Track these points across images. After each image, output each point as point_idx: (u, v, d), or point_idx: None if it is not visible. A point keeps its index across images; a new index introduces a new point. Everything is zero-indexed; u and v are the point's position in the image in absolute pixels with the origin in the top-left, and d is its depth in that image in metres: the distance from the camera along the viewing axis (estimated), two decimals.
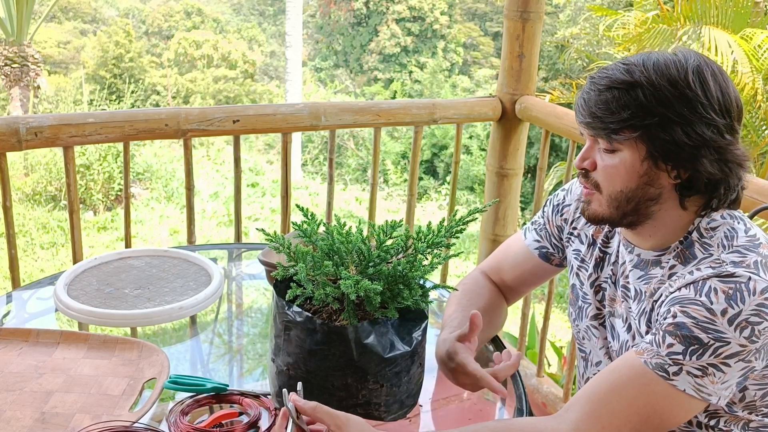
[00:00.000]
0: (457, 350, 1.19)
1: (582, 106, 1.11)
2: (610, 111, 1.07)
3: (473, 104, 2.63)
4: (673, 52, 1.10)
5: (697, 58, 1.09)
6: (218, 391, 1.18)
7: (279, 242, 1.13)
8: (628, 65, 1.09)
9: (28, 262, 8.60)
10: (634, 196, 1.11)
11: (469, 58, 19.35)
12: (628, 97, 1.07)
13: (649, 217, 1.13)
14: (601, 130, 1.09)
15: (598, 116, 1.09)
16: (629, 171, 1.10)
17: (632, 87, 1.07)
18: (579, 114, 1.12)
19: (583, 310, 1.31)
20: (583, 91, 1.12)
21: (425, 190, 14.08)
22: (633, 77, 1.07)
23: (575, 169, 1.19)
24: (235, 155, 2.28)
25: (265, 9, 22.09)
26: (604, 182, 1.13)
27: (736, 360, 1.02)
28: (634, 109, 1.06)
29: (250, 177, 12.17)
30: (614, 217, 1.15)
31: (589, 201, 1.17)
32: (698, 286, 1.05)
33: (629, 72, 1.08)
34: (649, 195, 1.11)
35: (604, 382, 1.08)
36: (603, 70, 1.11)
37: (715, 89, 1.07)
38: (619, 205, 1.13)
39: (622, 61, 1.11)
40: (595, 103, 1.09)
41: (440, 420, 1.25)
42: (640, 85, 1.06)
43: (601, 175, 1.13)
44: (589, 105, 1.10)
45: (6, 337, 1.33)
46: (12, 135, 1.92)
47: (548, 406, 2.59)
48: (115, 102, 13.47)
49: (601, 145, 1.12)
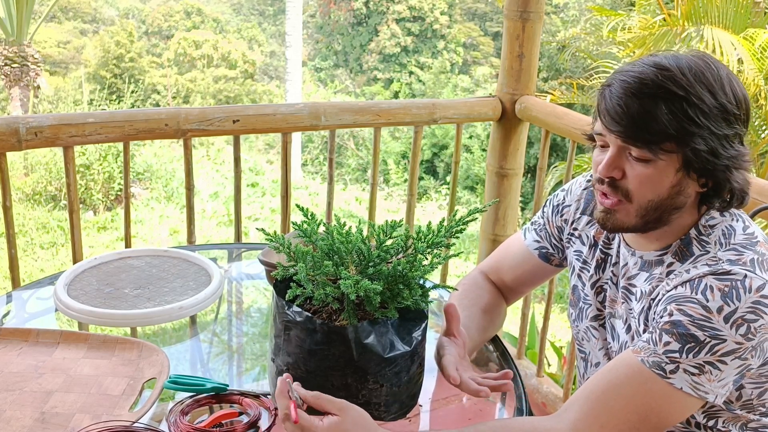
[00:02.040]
0: (443, 351, 1.18)
1: (617, 113, 1.05)
2: (654, 122, 1.03)
3: (473, 104, 2.63)
4: (698, 56, 1.07)
5: (722, 65, 1.07)
6: (218, 391, 1.18)
7: (279, 242, 1.13)
8: (665, 71, 1.04)
9: (28, 262, 8.60)
10: (662, 205, 1.09)
11: (469, 58, 19.34)
12: (674, 108, 1.03)
13: (667, 223, 1.12)
14: (640, 141, 1.05)
15: (641, 126, 1.04)
16: (662, 180, 1.07)
17: (677, 97, 1.03)
18: (612, 122, 1.06)
19: (584, 311, 1.32)
20: (614, 95, 1.06)
21: (425, 190, 14.08)
22: (677, 85, 1.03)
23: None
24: (235, 155, 2.28)
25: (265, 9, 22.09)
26: (637, 191, 1.08)
27: (732, 358, 1.03)
28: (679, 122, 1.02)
29: (250, 177, 12.17)
30: (638, 226, 1.12)
31: (614, 211, 1.11)
32: (694, 283, 1.05)
33: (671, 79, 1.03)
34: (677, 204, 1.09)
35: (602, 381, 1.09)
36: (636, 75, 1.05)
37: (741, 97, 1.06)
38: (646, 214, 1.10)
39: (655, 66, 1.05)
40: (637, 112, 1.04)
41: (440, 420, 1.25)
42: (685, 96, 1.03)
43: (633, 184, 1.08)
44: (628, 113, 1.04)
45: (6, 337, 1.33)
46: (12, 135, 1.92)
47: (548, 406, 2.59)
48: (115, 102, 13.47)
49: (633, 153, 1.07)
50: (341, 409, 1.00)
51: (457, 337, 1.21)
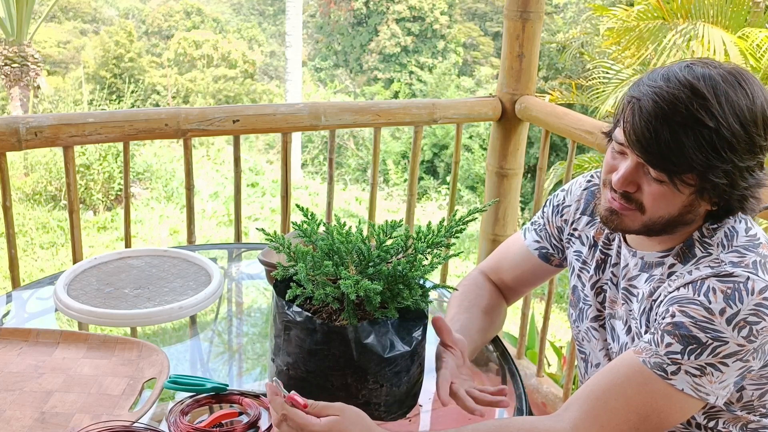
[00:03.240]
0: (439, 363, 1.17)
1: (645, 138, 1.02)
2: (681, 154, 1.00)
3: (473, 104, 2.63)
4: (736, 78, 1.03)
5: (759, 86, 1.04)
6: (218, 391, 1.18)
7: (279, 242, 1.13)
8: (703, 101, 1.00)
9: (27, 262, 8.60)
10: (671, 221, 1.09)
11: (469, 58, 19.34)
12: (703, 142, 1.00)
13: (671, 234, 1.12)
14: (662, 168, 1.03)
15: (666, 156, 1.01)
16: (674, 201, 1.06)
17: (708, 130, 0.99)
18: (638, 143, 1.03)
19: (584, 311, 1.31)
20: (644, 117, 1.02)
21: (425, 190, 14.08)
22: (711, 117, 0.99)
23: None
24: (235, 155, 2.28)
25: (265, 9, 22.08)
26: (650, 206, 1.08)
27: (734, 360, 1.03)
28: (705, 154, 1.00)
29: (250, 177, 12.17)
30: (641, 232, 1.12)
31: (622, 215, 1.11)
32: (697, 285, 1.05)
33: (706, 110, 0.99)
34: (685, 220, 1.10)
35: (603, 381, 1.09)
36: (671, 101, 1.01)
37: None
38: (653, 225, 1.10)
39: (692, 90, 1.01)
40: (665, 142, 1.00)
41: (440, 420, 1.25)
42: (717, 129, 0.99)
43: (648, 200, 1.07)
44: (657, 140, 1.01)
45: (6, 337, 1.33)
46: (12, 135, 1.92)
47: (548, 406, 2.59)
48: (115, 102, 13.47)
49: (651, 173, 1.05)
50: (339, 410, 1.00)
51: (453, 348, 1.20)
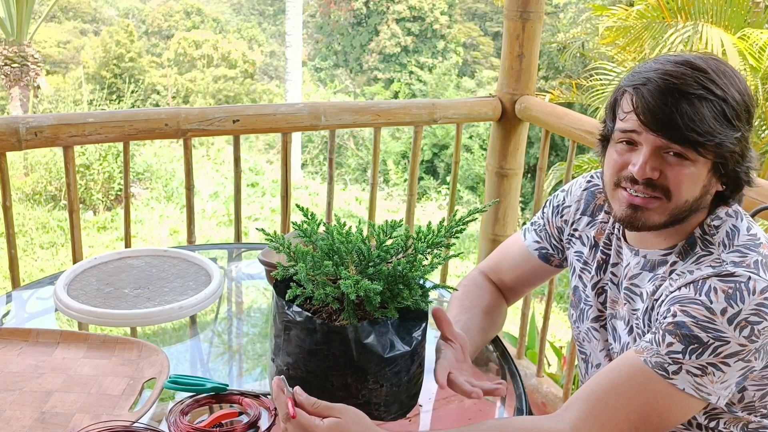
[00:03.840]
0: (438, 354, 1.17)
1: (666, 114, 1.03)
2: (704, 124, 1.02)
3: (473, 104, 2.63)
4: (711, 57, 1.07)
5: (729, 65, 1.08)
6: (218, 391, 1.18)
7: (279, 242, 1.13)
8: (706, 74, 1.03)
9: (27, 262, 8.60)
10: (693, 204, 1.09)
11: (470, 58, 19.34)
12: (717, 111, 1.03)
13: (686, 221, 1.12)
14: (689, 142, 1.03)
15: (692, 128, 1.02)
16: (697, 180, 1.07)
17: (719, 100, 1.03)
18: (655, 121, 1.04)
19: (585, 312, 1.31)
20: (657, 96, 1.04)
21: (425, 190, 14.08)
22: (718, 89, 1.03)
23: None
24: (235, 155, 2.28)
25: (265, 9, 22.09)
26: (677, 191, 1.07)
27: (735, 359, 1.03)
28: (721, 123, 1.03)
29: (250, 177, 12.17)
30: (665, 224, 1.11)
31: (647, 208, 1.09)
32: (698, 285, 1.05)
33: (713, 82, 1.03)
34: (703, 203, 1.10)
35: (604, 380, 1.08)
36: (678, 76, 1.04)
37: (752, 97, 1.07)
38: (679, 213, 1.09)
39: (689, 65, 1.04)
40: (688, 115, 1.02)
41: (440, 420, 1.25)
42: (724, 98, 1.03)
43: (674, 184, 1.07)
44: (680, 114, 1.02)
45: (6, 336, 1.33)
46: (12, 135, 1.92)
47: (548, 406, 2.59)
48: (115, 102, 13.47)
49: (673, 153, 1.06)
50: (341, 411, 1.00)
51: (453, 341, 1.20)
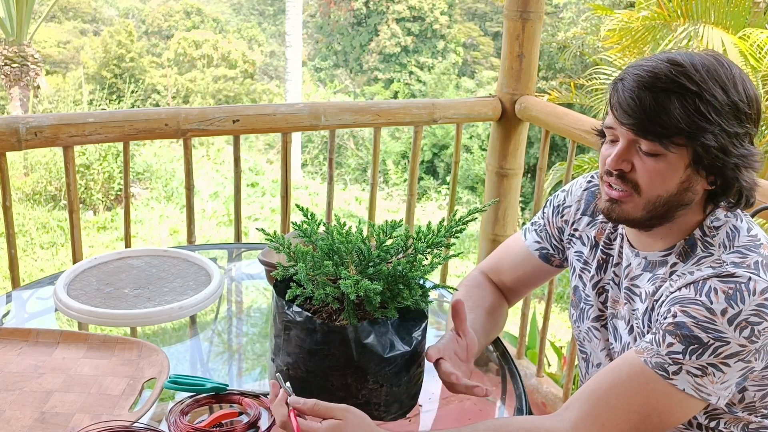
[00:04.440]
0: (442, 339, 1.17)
1: (630, 106, 1.06)
2: (667, 116, 1.03)
3: (473, 104, 2.63)
4: (710, 55, 1.08)
5: (734, 64, 1.08)
6: (218, 391, 1.18)
7: (279, 242, 1.13)
8: (679, 66, 1.05)
9: (27, 262, 8.59)
10: (670, 200, 1.09)
11: (469, 58, 19.34)
12: (686, 104, 1.03)
13: (671, 220, 1.12)
14: (651, 134, 1.05)
15: (654, 120, 1.04)
16: (672, 176, 1.07)
17: (690, 92, 1.03)
18: (624, 114, 1.06)
19: (585, 311, 1.31)
20: (626, 89, 1.07)
21: (425, 190, 14.07)
22: (691, 81, 1.03)
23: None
24: (235, 155, 2.28)
25: (265, 9, 22.08)
26: (646, 185, 1.09)
27: (735, 360, 1.03)
28: (692, 117, 1.03)
29: (250, 177, 12.16)
30: (644, 220, 1.12)
31: (621, 202, 1.12)
32: (698, 285, 1.05)
33: (685, 75, 1.04)
34: (684, 200, 1.10)
35: (604, 380, 1.09)
36: (651, 70, 1.06)
37: (753, 96, 1.07)
38: (654, 208, 1.10)
39: (670, 62, 1.06)
40: (650, 106, 1.04)
41: (440, 420, 1.25)
42: (698, 91, 1.03)
43: (643, 178, 1.09)
44: (641, 106, 1.04)
45: (6, 336, 1.32)
46: (12, 135, 1.92)
47: (548, 405, 2.59)
48: (115, 102, 13.46)
49: (643, 147, 1.07)
50: (342, 413, 0.99)
51: (461, 338, 1.19)
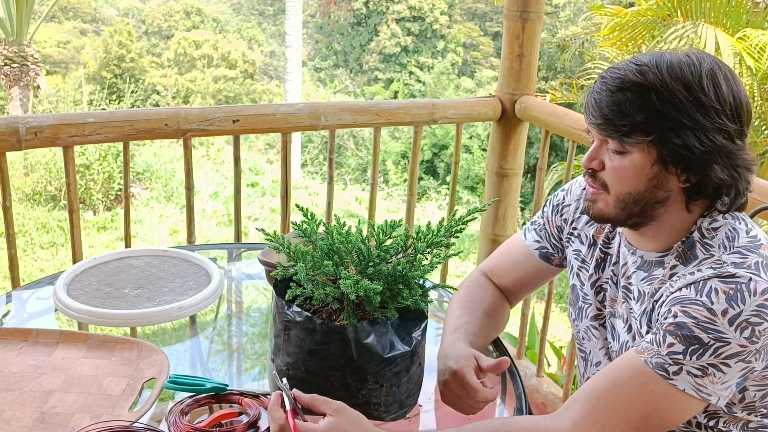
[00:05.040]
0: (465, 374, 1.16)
1: (593, 107, 1.10)
2: (622, 113, 1.06)
3: (473, 104, 2.63)
4: (687, 54, 1.08)
5: (710, 61, 1.08)
6: (218, 391, 1.18)
7: (279, 242, 1.13)
8: (640, 66, 1.07)
9: (27, 262, 8.59)
10: (641, 198, 1.10)
11: (469, 58, 19.34)
12: (642, 100, 1.05)
13: (654, 218, 1.13)
14: (612, 132, 1.08)
15: (610, 118, 1.07)
16: (638, 173, 1.09)
17: (646, 90, 1.05)
18: (589, 115, 1.11)
19: (583, 310, 1.31)
20: (594, 90, 1.10)
21: (425, 190, 14.08)
22: (647, 79, 1.05)
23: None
24: (234, 155, 2.28)
25: (264, 9, 22.08)
26: (613, 183, 1.12)
27: (736, 360, 1.02)
28: (647, 113, 1.05)
29: (249, 177, 12.17)
30: (620, 218, 1.14)
31: (594, 200, 1.16)
32: (699, 286, 1.05)
33: (642, 74, 1.06)
34: (657, 198, 1.10)
35: (604, 380, 1.09)
36: (615, 70, 1.09)
37: (727, 93, 1.06)
38: (626, 206, 1.12)
39: (635, 62, 1.09)
40: (607, 105, 1.07)
41: (440, 420, 1.25)
42: (654, 89, 1.05)
43: (609, 176, 1.12)
44: (600, 106, 1.08)
45: (6, 336, 1.32)
46: (12, 135, 1.92)
47: (548, 406, 2.59)
48: (114, 102, 13.46)
49: (610, 146, 1.10)
50: (337, 410, 1.00)
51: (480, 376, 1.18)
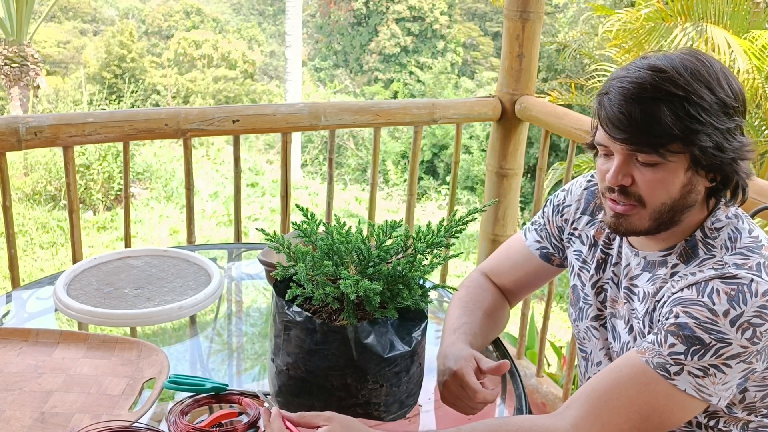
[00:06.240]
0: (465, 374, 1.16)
1: (619, 120, 1.04)
2: (659, 125, 1.03)
3: (473, 104, 2.63)
4: (690, 54, 1.07)
5: (712, 59, 1.08)
6: (218, 390, 1.18)
7: (279, 242, 1.13)
8: (662, 73, 1.04)
9: (27, 262, 8.59)
10: (675, 206, 1.09)
11: (469, 58, 19.34)
12: (675, 109, 1.03)
13: (680, 222, 1.12)
14: (646, 145, 1.04)
15: (647, 131, 1.03)
16: (673, 182, 1.07)
17: (678, 98, 1.03)
18: (616, 130, 1.05)
19: (584, 311, 1.31)
20: (614, 103, 1.05)
21: (425, 190, 14.08)
22: (677, 86, 1.03)
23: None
24: (234, 155, 2.28)
25: (264, 9, 22.08)
26: (649, 197, 1.08)
27: (737, 361, 1.03)
28: (683, 122, 1.03)
29: (249, 177, 12.17)
30: (651, 228, 1.11)
31: (627, 215, 1.10)
32: (701, 287, 1.05)
33: (670, 81, 1.03)
34: (688, 203, 1.10)
35: (605, 380, 1.09)
36: (634, 80, 1.05)
37: (737, 88, 1.07)
38: (659, 217, 1.09)
39: (652, 68, 1.05)
40: (641, 118, 1.03)
41: (440, 420, 1.25)
42: (686, 96, 1.03)
43: (645, 190, 1.08)
44: (631, 119, 1.03)
45: (6, 336, 1.32)
46: (12, 135, 1.92)
47: (548, 406, 2.59)
48: (114, 102, 13.46)
49: (640, 159, 1.06)
50: (329, 419, 1.01)
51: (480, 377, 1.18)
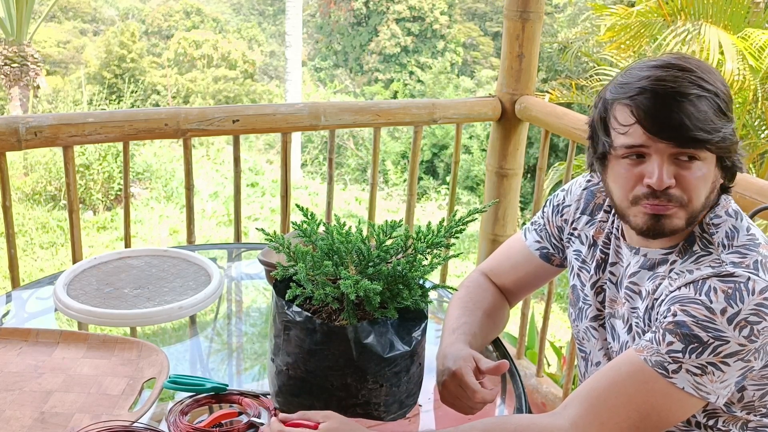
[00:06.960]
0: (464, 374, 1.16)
1: (674, 120, 1.03)
2: (711, 122, 1.03)
3: (473, 104, 2.63)
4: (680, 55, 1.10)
5: None
6: (218, 390, 1.18)
7: (279, 242, 1.13)
8: (692, 73, 1.05)
9: (27, 262, 8.59)
10: (707, 203, 1.10)
11: (469, 58, 19.34)
12: (714, 106, 1.04)
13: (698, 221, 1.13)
14: (693, 141, 1.03)
15: (697, 128, 1.03)
16: (709, 179, 1.08)
17: (711, 95, 1.05)
18: (661, 128, 1.04)
19: (584, 311, 1.31)
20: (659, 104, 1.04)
21: (425, 190, 14.08)
22: (707, 84, 1.05)
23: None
24: (234, 155, 2.28)
25: (264, 9, 22.08)
26: (694, 196, 1.07)
27: (735, 359, 1.03)
28: (720, 117, 1.05)
29: (249, 177, 12.16)
30: (683, 228, 1.11)
31: (669, 216, 1.08)
32: (698, 285, 1.05)
33: (702, 79, 1.05)
34: (712, 200, 1.11)
35: (604, 379, 1.09)
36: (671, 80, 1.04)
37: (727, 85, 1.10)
38: (696, 215, 1.10)
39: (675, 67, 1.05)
40: (692, 116, 1.02)
41: (440, 420, 1.25)
42: (716, 92, 1.05)
43: (690, 189, 1.07)
44: (687, 117, 1.02)
45: (5, 336, 1.33)
46: (12, 135, 1.92)
47: (548, 405, 2.59)
48: (114, 102, 13.46)
49: (683, 157, 1.06)
50: (327, 416, 1.03)
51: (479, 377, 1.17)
